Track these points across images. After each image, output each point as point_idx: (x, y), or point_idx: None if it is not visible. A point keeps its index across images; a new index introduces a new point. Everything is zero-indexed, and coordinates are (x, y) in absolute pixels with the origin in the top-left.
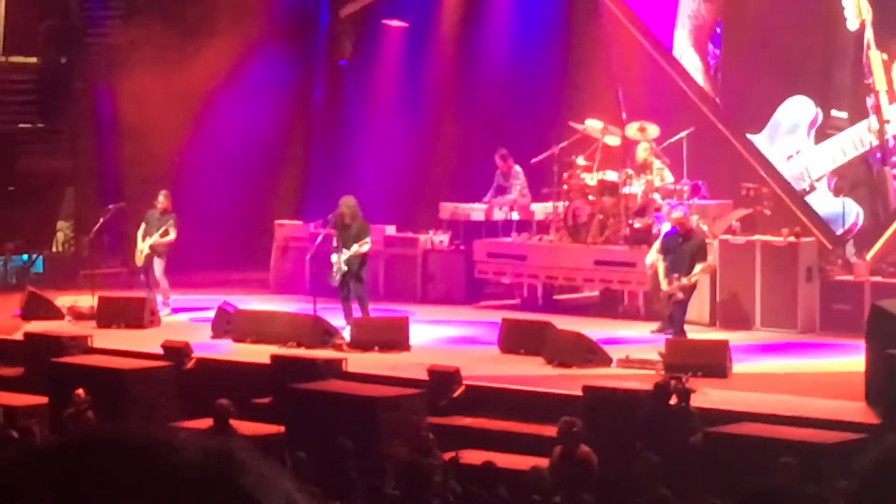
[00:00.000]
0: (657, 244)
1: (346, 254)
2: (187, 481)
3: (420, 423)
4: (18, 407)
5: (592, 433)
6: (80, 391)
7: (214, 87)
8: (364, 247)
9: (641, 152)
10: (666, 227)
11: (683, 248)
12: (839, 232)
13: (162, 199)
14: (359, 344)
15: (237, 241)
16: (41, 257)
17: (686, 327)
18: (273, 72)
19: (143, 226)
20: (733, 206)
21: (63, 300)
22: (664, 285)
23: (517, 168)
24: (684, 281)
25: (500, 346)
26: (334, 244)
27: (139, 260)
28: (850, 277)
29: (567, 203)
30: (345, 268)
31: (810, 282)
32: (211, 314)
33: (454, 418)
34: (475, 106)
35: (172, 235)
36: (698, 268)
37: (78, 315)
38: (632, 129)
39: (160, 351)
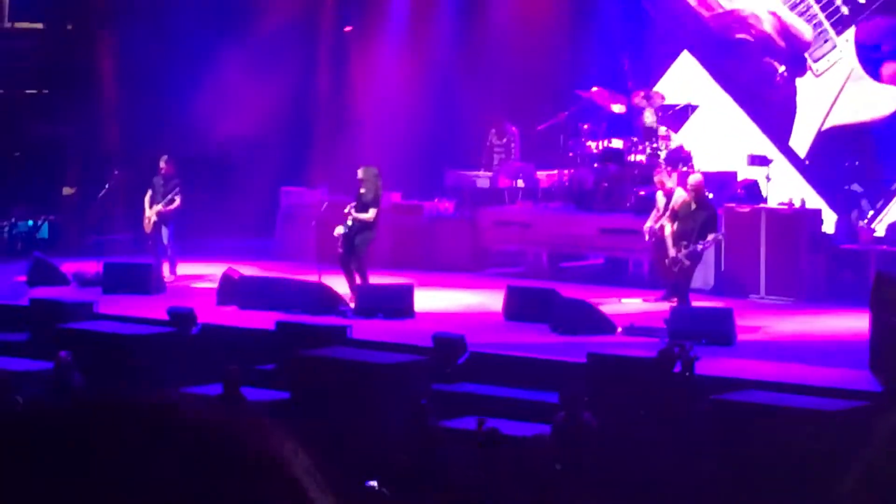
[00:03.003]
0: (654, 212)
1: (351, 217)
2: (195, 443)
3: (424, 391)
4: (24, 373)
5: (596, 401)
6: (64, 353)
7: (220, 54)
8: (362, 214)
9: (649, 116)
10: (660, 194)
11: (695, 216)
12: None
13: (163, 164)
14: (363, 311)
15: (243, 207)
16: (47, 223)
17: (690, 295)
18: (279, 38)
19: (149, 192)
20: (737, 174)
21: (69, 266)
22: (672, 251)
23: (514, 129)
24: (698, 247)
25: (505, 314)
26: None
27: (147, 227)
28: (855, 246)
29: (572, 170)
30: (343, 230)
31: (815, 250)
32: (216, 281)
33: (459, 385)
34: (481, 73)
35: (177, 202)
36: (710, 237)
37: (83, 281)
38: (637, 97)
39: (166, 317)
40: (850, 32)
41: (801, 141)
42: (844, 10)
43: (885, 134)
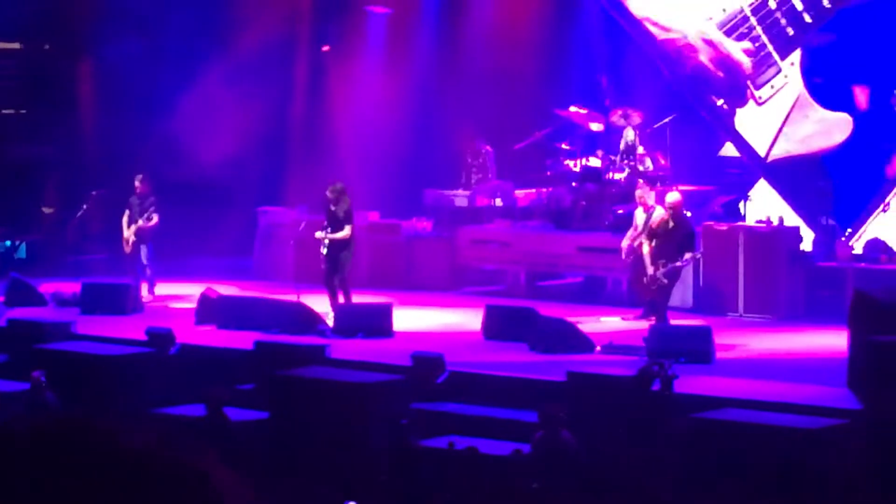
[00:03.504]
0: (631, 230)
1: (327, 237)
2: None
3: (403, 410)
4: (1, 394)
5: (575, 419)
6: (37, 373)
7: (199, 74)
8: (338, 234)
9: (630, 133)
10: (639, 211)
11: (673, 235)
12: None
13: (138, 183)
14: (342, 330)
15: (221, 227)
16: (24, 243)
17: (669, 313)
18: (257, 58)
19: (126, 212)
20: (717, 192)
21: (47, 286)
22: (650, 270)
23: (489, 148)
24: (676, 265)
25: (484, 333)
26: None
27: (127, 247)
28: (833, 263)
29: (550, 189)
30: (324, 251)
31: (793, 268)
32: (195, 301)
33: (438, 404)
34: (458, 93)
35: (155, 219)
36: (688, 255)
37: (61, 301)
38: (615, 116)
39: (144, 337)
40: (796, 55)
41: None
42: (790, 30)
43: (841, 159)
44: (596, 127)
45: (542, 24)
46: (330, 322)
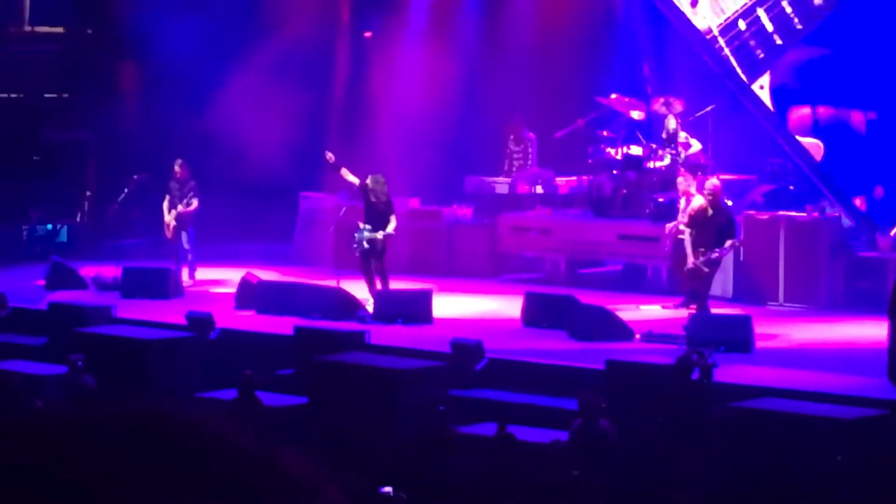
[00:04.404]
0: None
1: (367, 232)
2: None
3: (441, 397)
4: (41, 377)
5: (614, 407)
6: (75, 356)
7: (240, 59)
8: (389, 227)
9: (671, 122)
10: (684, 201)
11: (713, 223)
12: None
13: (178, 168)
14: (382, 316)
15: (261, 212)
16: (66, 227)
17: (709, 302)
18: (299, 44)
19: (167, 197)
20: (758, 182)
21: (87, 270)
22: (691, 258)
23: (532, 135)
24: (714, 254)
25: (523, 320)
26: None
27: (169, 232)
28: (874, 253)
29: (591, 177)
30: (367, 246)
31: (834, 258)
32: (235, 286)
33: (477, 391)
34: (500, 79)
35: (195, 204)
36: (728, 243)
37: (102, 285)
38: (657, 104)
39: (184, 322)
40: (765, 79)
41: None
42: (759, 52)
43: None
44: (637, 115)
45: (585, 11)
46: (370, 308)
